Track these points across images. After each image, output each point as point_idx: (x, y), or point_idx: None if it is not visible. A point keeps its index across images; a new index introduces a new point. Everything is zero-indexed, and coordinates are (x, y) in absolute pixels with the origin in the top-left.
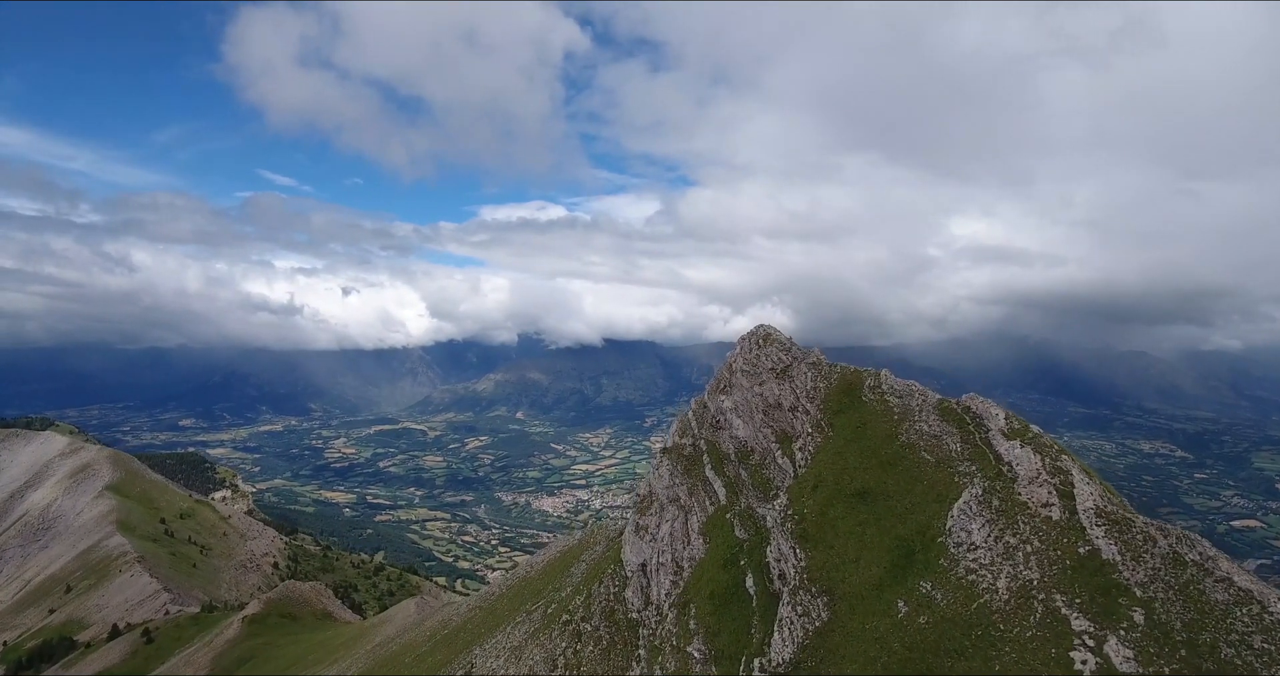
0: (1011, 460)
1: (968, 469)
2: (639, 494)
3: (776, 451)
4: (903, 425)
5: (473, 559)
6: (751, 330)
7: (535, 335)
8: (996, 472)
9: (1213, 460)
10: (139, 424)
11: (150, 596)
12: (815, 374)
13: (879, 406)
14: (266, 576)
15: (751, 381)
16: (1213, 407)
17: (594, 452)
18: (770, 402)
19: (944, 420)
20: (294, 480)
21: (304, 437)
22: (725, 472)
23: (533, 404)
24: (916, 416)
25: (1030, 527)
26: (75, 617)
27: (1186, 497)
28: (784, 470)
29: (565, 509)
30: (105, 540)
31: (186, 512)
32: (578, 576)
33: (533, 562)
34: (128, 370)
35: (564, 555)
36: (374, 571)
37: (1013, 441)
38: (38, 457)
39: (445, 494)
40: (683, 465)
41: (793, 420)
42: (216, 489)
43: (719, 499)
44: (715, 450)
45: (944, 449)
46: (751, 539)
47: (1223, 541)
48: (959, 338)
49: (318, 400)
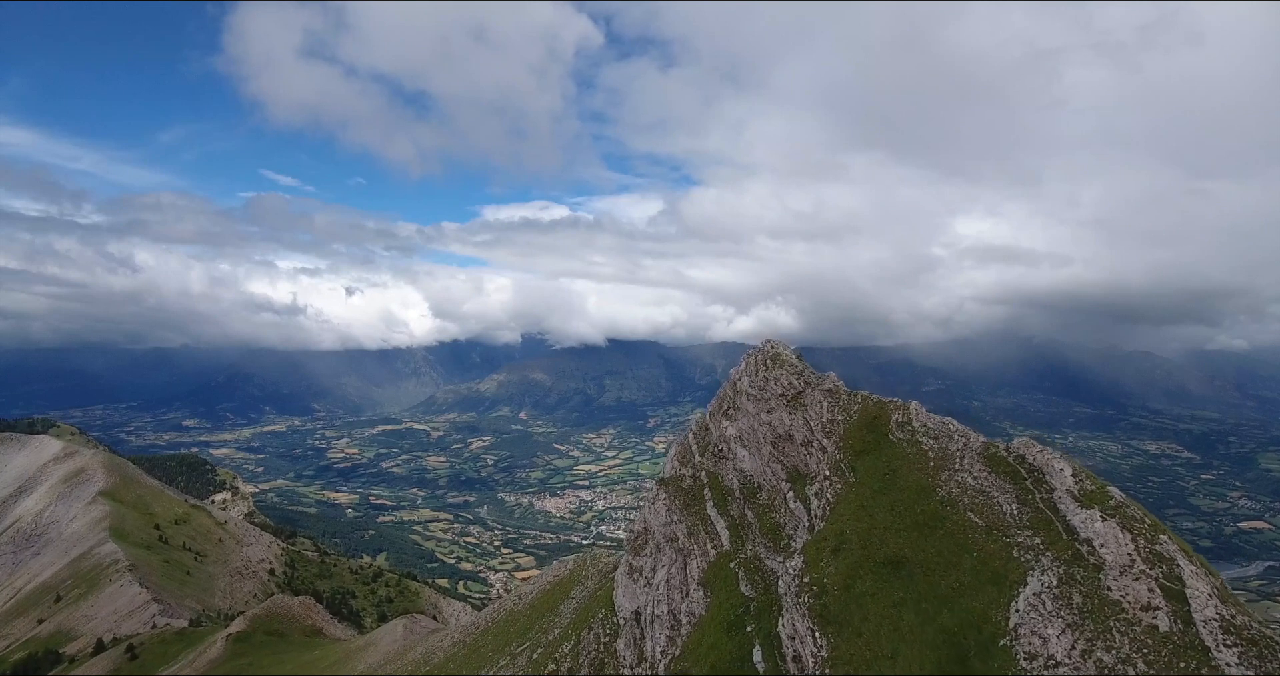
0: (1091, 536)
1: (1030, 541)
2: (633, 530)
3: (787, 492)
4: (940, 474)
5: (475, 560)
6: (758, 347)
7: (539, 335)
8: (1071, 552)
9: (1219, 461)
10: (143, 424)
11: (139, 607)
12: (832, 404)
13: (910, 448)
14: (262, 583)
15: (758, 407)
16: (1219, 408)
17: (597, 453)
18: (780, 433)
19: (992, 471)
20: (297, 480)
21: (307, 438)
22: (729, 511)
23: (536, 404)
24: (957, 464)
25: (1130, 641)
26: (64, 628)
27: (1193, 499)
28: (797, 517)
29: (568, 510)
30: (97, 547)
31: (182, 518)
32: (566, 616)
33: (520, 594)
34: (132, 370)
35: (553, 588)
36: (372, 577)
37: (1089, 510)
38: (31, 462)
39: (448, 494)
40: (682, 499)
41: (806, 457)
42: (217, 491)
43: (722, 543)
44: (718, 484)
45: (995, 510)
46: (760, 598)
47: (1231, 543)
48: (963, 338)
49: (321, 400)
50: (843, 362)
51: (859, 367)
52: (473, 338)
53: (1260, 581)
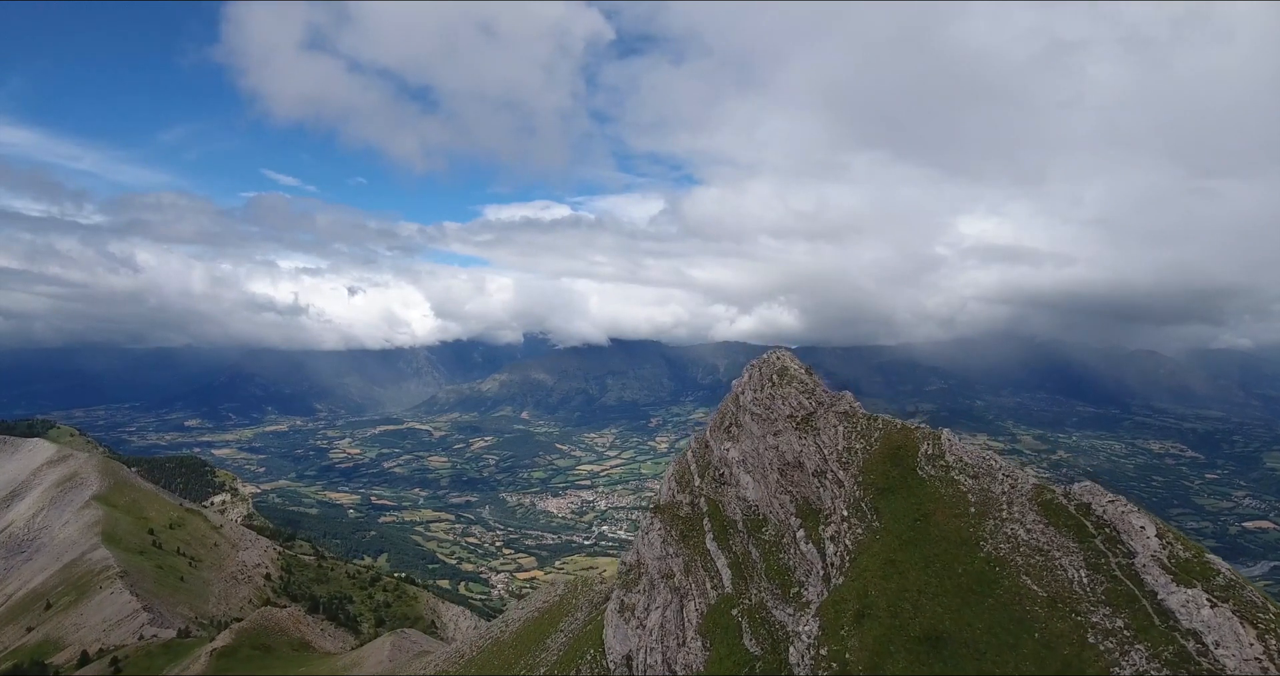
0: (1198, 628)
1: (1110, 623)
2: (625, 561)
3: (797, 529)
4: (984, 524)
5: (476, 561)
6: (763, 358)
7: (540, 335)
8: (1174, 648)
9: (1224, 460)
10: (145, 424)
11: (129, 616)
12: (848, 428)
13: (944, 488)
14: (258, 588)
15: (764, 428)
16: (1223, 407)
17: (599, 453)
18: (788, 460)
19: (1050, 523)
20: (299, 481)
21: (309, 438)
22: (731, 546)
23: (538, 404)
24: (1005, 511)
25: None
26: (53, 637)
27: (1197, 498)
28: (809, 561)
29: (570, 510)
30: (89, 553)
31: (176, 522)
32: (554, 652)
33: (508, 620)
34: (135, 370)
35: (541, 617)
36: (369, 582)
37: (1190, 589)
38: (24, 467)
39: (450, 495)
40: (679, 529)
41: (819, 489)
42: (216, 493)
43: (723, 583)
44: (718, 513)
45: (1059, 576)
46: (767, 657)
47: (1235, 543)
48: (966, 337)
49: (323, 400)
50: (845, 362)
51: (861, 367)
52: (475, 337)
53: (1266, 582)
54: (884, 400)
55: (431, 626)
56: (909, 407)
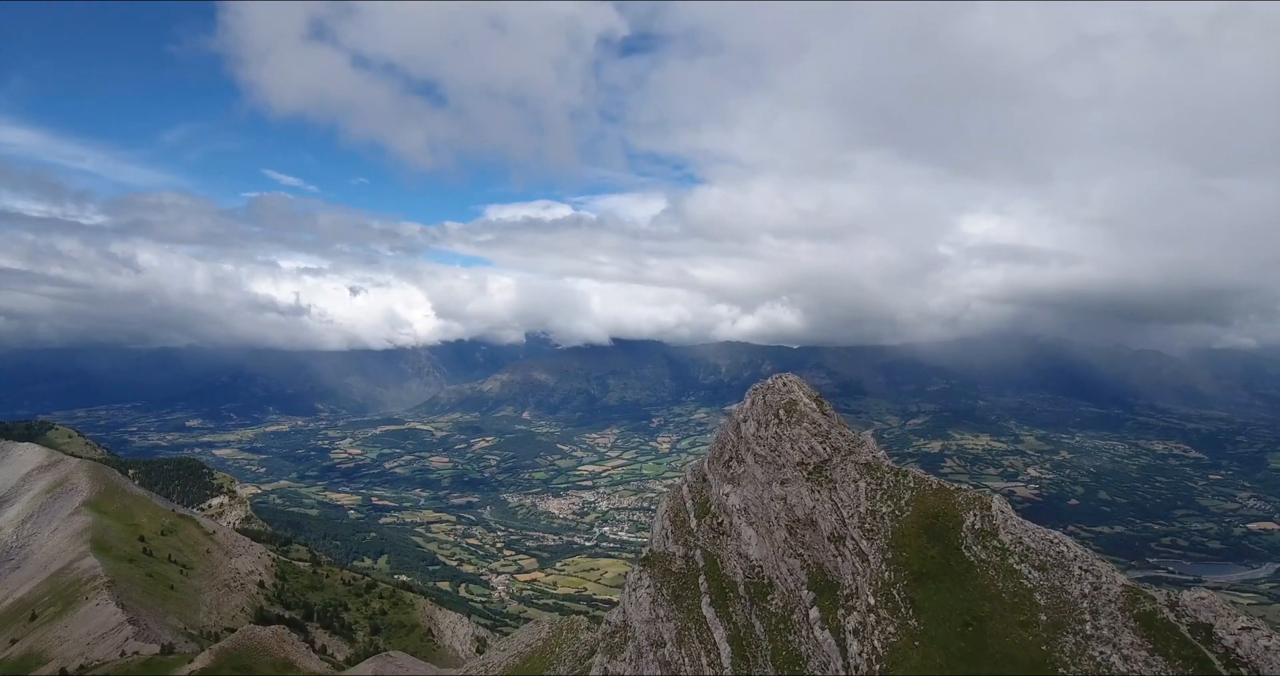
0: None
1: None
2: (610, 621)
3: (810, 605)
4: (1062, 639)
5: (477, 563)
6: (767, 384)
7: (543, 335)
8: None
9: (1228, 461)
10: (146, 424)
11: (113, 629)
12: (871, 485)
13: (1002, 581)
14: (251, 596)
15: (769, 474)
16: (1227, 407)
17: (600, 453)
18: (798, 516)
19: (1155, 649)
20: (300, 481)
21: (310, 438)
22: (731, 615)
23: (539, 404)
24: (1088, 621)
25: None
26: (36, 650)
27: (1201, 499)
28: (824, 652)
29: (571, 511)
30: (77, 562)
31: (168, 529)
32: None
33: (490, 665)
34: (137, 370)
35: (522, 665)
36: (365, 589)
37: None
38: (13, 472)
39: (451, 495)
40: (671, 587)
41: (837, 559)
42: (214, 495)
43: (720, 662)
44: (716, 571)
45: None
46: None
47: (1240, 545)
48: (969, 337)
49: (324, 400)
50: (847, 362)
51: (864, 367)
52: (476, 337)
53: (1271, 583)
54: (886, 400)
55: (428, 634)
56: (911, 407)
